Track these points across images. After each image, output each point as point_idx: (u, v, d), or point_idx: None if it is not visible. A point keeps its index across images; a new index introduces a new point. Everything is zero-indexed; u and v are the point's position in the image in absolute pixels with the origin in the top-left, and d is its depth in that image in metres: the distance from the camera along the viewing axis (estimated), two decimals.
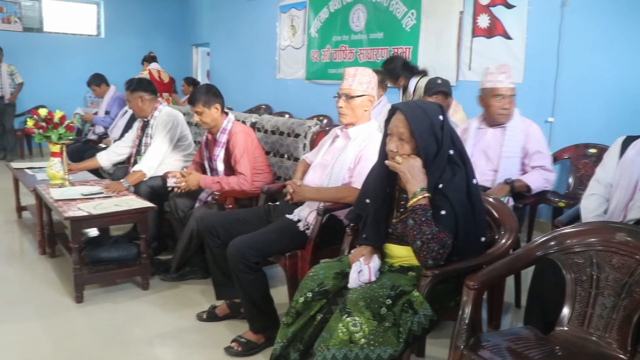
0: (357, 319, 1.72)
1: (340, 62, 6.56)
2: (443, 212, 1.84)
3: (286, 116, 6.36)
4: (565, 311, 1.81)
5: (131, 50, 7.29)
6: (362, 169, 2.47)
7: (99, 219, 3.06)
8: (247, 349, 2.49)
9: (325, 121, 6.19)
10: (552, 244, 1.86)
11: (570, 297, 1.81)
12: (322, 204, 2.54)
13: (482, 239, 1.97)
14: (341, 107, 2.61)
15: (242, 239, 2.47)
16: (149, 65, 7.31)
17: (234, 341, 2.52)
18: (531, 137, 2.94)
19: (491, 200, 2.18)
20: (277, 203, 2.92)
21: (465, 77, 5.07)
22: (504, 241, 2.03)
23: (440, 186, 1.87)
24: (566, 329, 1.79)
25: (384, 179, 2.04)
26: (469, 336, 1.72)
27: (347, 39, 6.44)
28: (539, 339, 1.79)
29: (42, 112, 3.66)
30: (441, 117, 1.93)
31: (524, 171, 2.96)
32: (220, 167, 3.30)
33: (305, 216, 2.61)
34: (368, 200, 2.13)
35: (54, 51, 8.94)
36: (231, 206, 3.12)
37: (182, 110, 4.63)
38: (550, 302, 1.95)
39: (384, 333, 1.73)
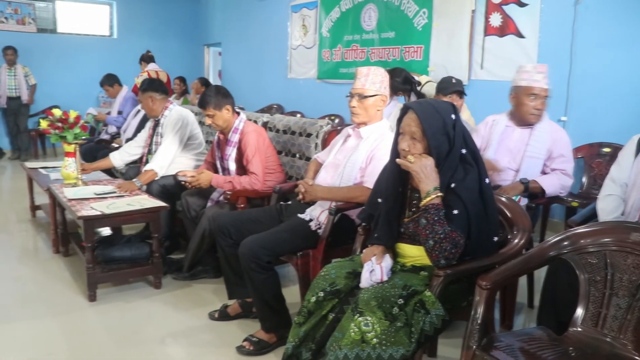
0: (369, 318, 1.72)
1: (351, 62, 6.55)
2: (455, 211, 1.83)
3: (298, 116, 6.37)
4: (579, 312, 1.79)
5: (143, 50, 7.35)
6: (374, 168, 2.47)
7: (112, 218, 3.08)
8: (259, 348, 2.49)
9: (337, 120, 6.19)
10: (566, 243, 1.83)
11: (583, 298, 1.79)
12: (334, 204, 2.54)
13: (495, 238, 1.96)
14: (354, 107, 2.61)
15: (254, 238, 2.48)
16: (147, 65, 7.24)
17: (245, 340, 2.53)
18: (558, 141, 2.87)
19: (504, 199, 2.16)
20: (289, 202, 2.92)
21: (477, 76, 5.05)
22: (516, 241, 2.02)
23: (453, 185, 1.87)
24: (580, 329, 1.77)
25: (396, 179, 2.04)
26: (481, 336, 1.71)
27: (358, 38, 6.44)
28: (552, 339, 1.77)
29: (57, 112, 3.69)
30: (453, 116, 1.92)
31: (544, 172, 2.89)
32: (232, 166, 3.30)
33: (317, 216, 2.61)
34: (380, 200, 2.13)
35: (67, 52, 9.03)
36: (243, 206, 3.13)
37: (193, 110, 4.64)
38: (564, 303, 1.94)
39: (396, 333, 1.72)
